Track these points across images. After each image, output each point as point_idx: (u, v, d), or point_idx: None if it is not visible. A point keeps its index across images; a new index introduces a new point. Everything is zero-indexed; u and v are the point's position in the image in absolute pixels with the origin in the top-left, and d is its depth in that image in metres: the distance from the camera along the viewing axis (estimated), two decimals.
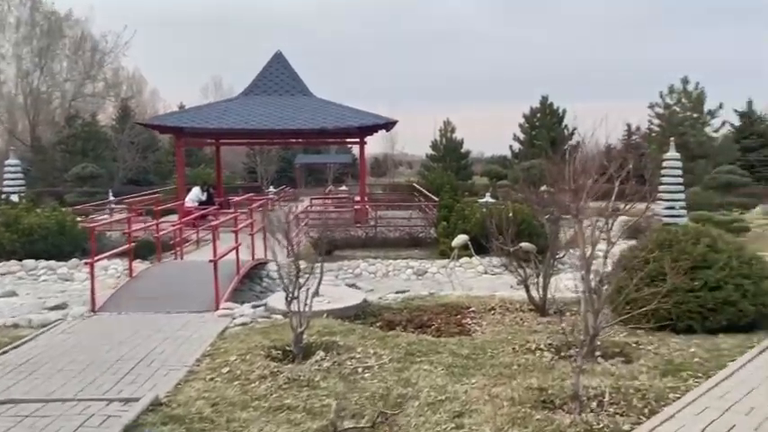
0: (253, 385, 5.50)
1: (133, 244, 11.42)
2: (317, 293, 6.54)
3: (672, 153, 20.35)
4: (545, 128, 44.08)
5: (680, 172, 20.39)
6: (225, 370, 5.97)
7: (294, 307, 6.29)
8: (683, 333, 6.87)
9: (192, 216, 16.39)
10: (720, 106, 37.92)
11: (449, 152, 47.85)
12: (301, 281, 6.45)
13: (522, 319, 8.10)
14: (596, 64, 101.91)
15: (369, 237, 17.36)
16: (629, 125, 48.84)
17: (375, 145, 68.04)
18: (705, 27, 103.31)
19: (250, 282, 12.66)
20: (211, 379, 5.76)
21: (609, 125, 5.63)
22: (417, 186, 29.68)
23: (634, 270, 7.27)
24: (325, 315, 8.02)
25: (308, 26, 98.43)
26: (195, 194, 20.29)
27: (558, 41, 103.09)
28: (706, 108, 37.93)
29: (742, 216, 20.54)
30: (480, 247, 14.87)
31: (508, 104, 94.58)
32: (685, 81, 38.07)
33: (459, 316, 8.54)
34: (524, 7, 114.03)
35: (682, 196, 20.42)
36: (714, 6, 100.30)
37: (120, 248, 11.26)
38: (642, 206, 6.80)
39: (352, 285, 13.05)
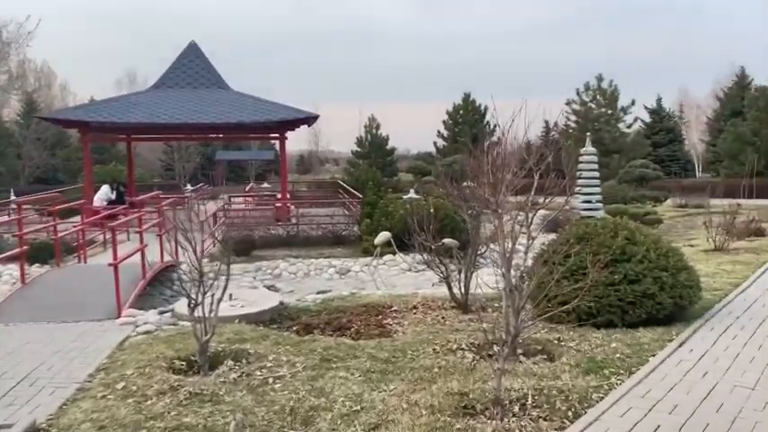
0: (149, 402, 4.96)
1: (26, 247, 10.47)
2: (224, 297, 6.03)
3: (588, 148, 20.83)
4: (467, 124, 44.61)
5: (596, 166, 20.90)
6: (120, 386, 5.39)
7: (199, 313, 5.77)
8: (603, 327, 6.78)
9: (99, 216, 15.36)
10: (633, 103, 39.52)
11: (374, 149, 47.69)
12: (209, 284, 5.92)
13: (444, 318, 7.86)
14: (517, 62, 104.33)
15: (290, 235, 16.82)
16: (546, 121, 50.13)
17: (300, 141, 67.09)
18: (617, 27, 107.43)
19: (160, 285, 11.92)
20: (103, 397, 5.18)
21: (528, 120, 5.46)
22: (342, 183, 29.27)
23: (555, 264, 7.16)
24: (237, 320, 7.52)
25: (227, 24, 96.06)
26: (104, 193, 19.15)
27: (481, 39, 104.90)
28: (619, 105, 39.37)
29: (655, 208, 21.28)
30: (403, 243, 14.62)
31: (434, 101, 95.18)
32: (600, 79, 39.41)
33: (380, 316, 8.21)
34: (446, 5, 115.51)
35: (598, 190, 20.94)
36: (626, 6, 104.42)
37: (11, 252, 10.30)
38: (561, 200, 6.69)
39: (272, 287, 12.55)
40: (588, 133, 22.50)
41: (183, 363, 5.95)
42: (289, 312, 8.43)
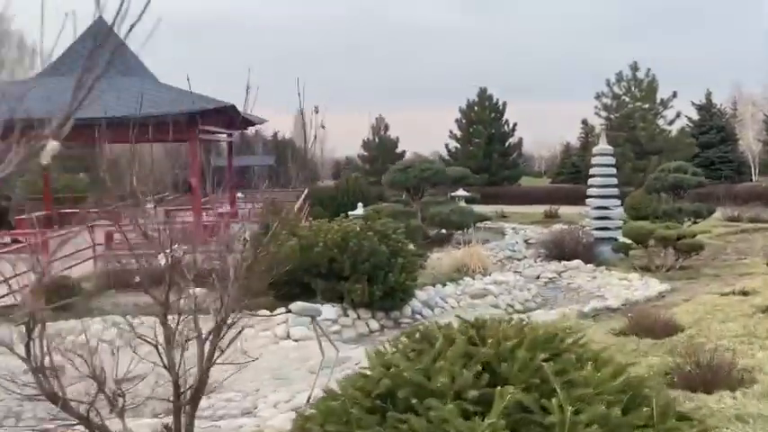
0: None
1: None
2: None
3: (602, 146, 15.72)
4: (482, 123, 39.56)
5: (614, 171, 15.78)
6: None
7: None
8: None
9: None
10: (674, 95, 33.68)
11: (382, 152, 43.29)
12: None
13: None
14: (552, 63, 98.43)
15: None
16: (584, 121, 45.19)
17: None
18: (659, 28, 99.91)
19: None
20: None
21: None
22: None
23: None
24: None
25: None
26: None
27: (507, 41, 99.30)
28: (658, 97, 33.70)
29: (693, 227, 15.99)
30: (307, 289, 10.11)
31: (444, 103, 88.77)
32: (635, 68, 33.72)
33: None
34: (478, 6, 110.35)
35: (617, 202, 15.81)
36: (669, 7, 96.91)
37: None
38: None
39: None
40: (602, 125, 17.37)
41: None
42: None
